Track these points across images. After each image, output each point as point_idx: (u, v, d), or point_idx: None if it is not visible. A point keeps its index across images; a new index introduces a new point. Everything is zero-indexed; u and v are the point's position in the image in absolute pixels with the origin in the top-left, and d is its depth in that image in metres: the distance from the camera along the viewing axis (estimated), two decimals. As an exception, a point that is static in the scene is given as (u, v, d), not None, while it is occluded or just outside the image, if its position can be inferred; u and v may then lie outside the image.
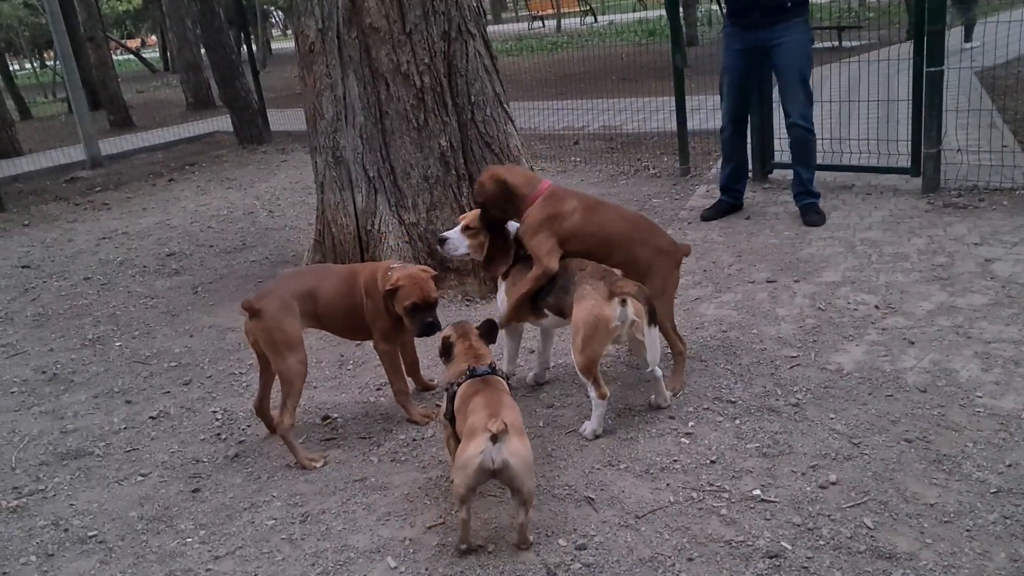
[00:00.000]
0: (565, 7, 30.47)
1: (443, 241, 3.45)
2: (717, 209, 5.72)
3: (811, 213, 5.32)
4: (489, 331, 2.96)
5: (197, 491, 3.10)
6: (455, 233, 3.44)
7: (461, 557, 2.52)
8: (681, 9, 7.80)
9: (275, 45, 42.76)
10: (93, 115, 13.36)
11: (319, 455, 3.21)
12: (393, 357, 3.39)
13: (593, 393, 3.06)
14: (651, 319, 3.02)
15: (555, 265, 3.21)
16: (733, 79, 5.52)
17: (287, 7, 29.07)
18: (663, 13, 8.17)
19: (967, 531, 2.41)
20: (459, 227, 3.45)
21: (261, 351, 3.22)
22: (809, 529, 2.49)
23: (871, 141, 6.21)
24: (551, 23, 29.98)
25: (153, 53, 44.50)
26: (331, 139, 4.76)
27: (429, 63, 4.61)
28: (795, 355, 3.59)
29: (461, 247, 3.42)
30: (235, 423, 3.62)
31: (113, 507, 3.05)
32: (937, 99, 5.37)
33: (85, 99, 11.92)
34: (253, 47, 13.62)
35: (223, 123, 12.98)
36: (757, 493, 2.68)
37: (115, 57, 24.53)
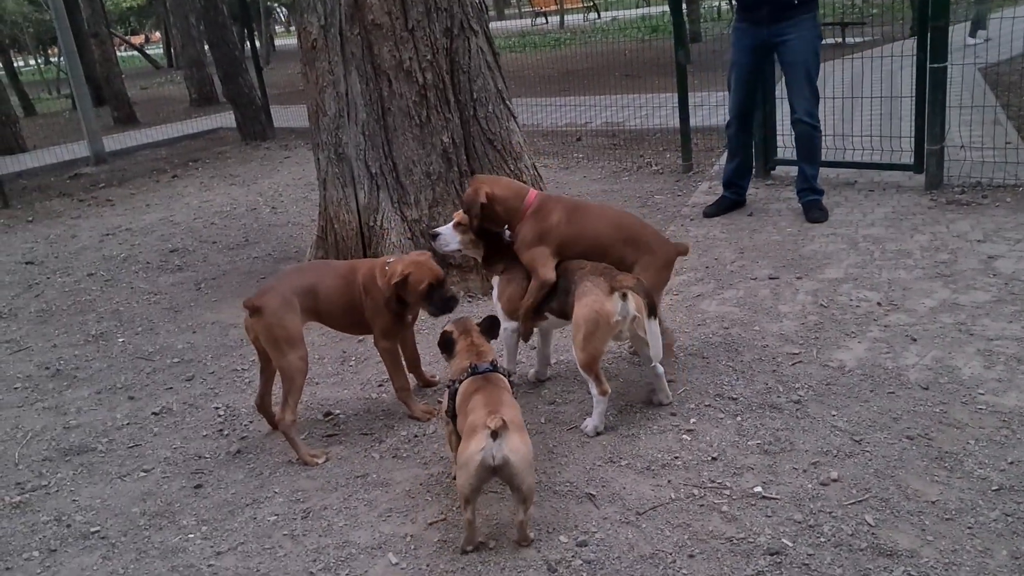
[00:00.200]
0: (568, 3, 30.42)
1: (435, 236, 3.47)
2: (720, 206, 5.71)
3: (814, 210, 5.31)
4: (490, 328, 2.96)
5: (199, 487, 3.11)
6: (447, 229, 3.45)
7: (464, 555, 2.53)
8: (684, 5, 7.79)
9: (279, 42, 42.73)
10: (97, 111, 13.41)
11: (321, 451, 3.22)
12: (394, 354, 3.40)
13: (594, 389, 3.06)
14: (651, 312, 3.02)
15: (552, 275, 3.25)
16: (741, 74, 5.51)
17: (290, 3, 29.06)
18: (666, 9, 8.15)
19: (968, 528, 2.41)
20: (452, 223, 3.46)
21: (262, 347, 3.22)
22: (810, 526, 2.49)
23: (874, 138, 6.19)
24: (554, 19, 29.95)
25: (157, 49, 44.55)
26: (333, 135, 4.76)
27: (431, 60, 4.60)
28: (797, 352, 3.59)
29: (452, 243, 3.44)
30: (237, 419, 3.62)
31: (115, 503, 3.06)
32: (940, 95, 5.36)
33: (89, 95, 11.94)
34: (256, 43, 13.62)
35: (227, 119, 13.00)
36: (758, 490, 2.68)
37: (119, 53, 24.57)
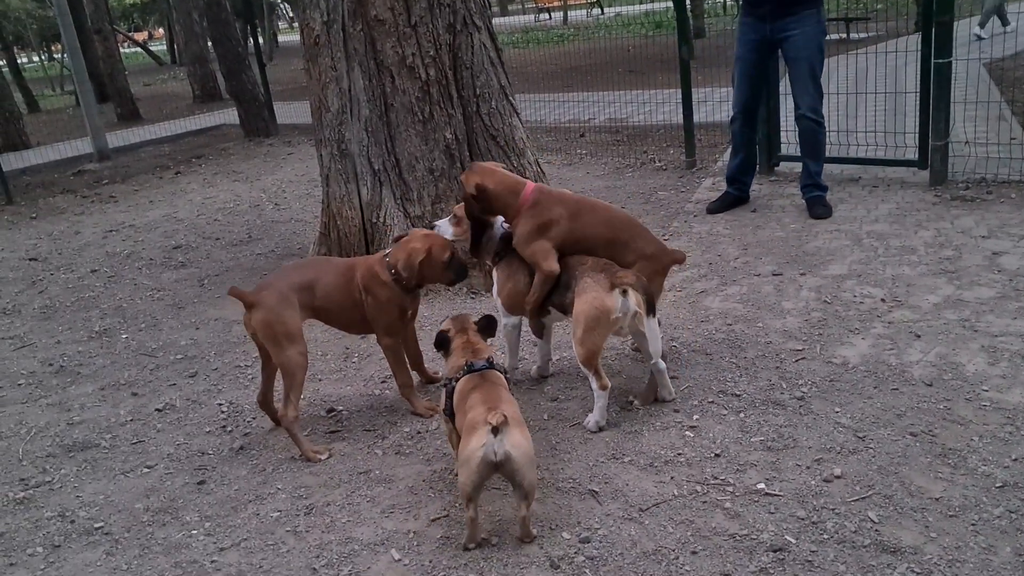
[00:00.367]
0: (572, -1, 30.42)
1: (432, 228, 3.55)
2: (723, 202, 5.70)
3: (818, 206, 5.30)
4: (488, 326, 2.95)
5: (203, 483, 3.11)
6: (443, 223, 3.55)
7: (466, 551, 2.53)
8: (688, 1, 7.77)
9: (282, 38, 42.77)
10: (100, 108, 13.43)
11: (324, 447, 3.22)
12: (396, 351, 3.40)
13: (595, 384, 3.06)
14: (650, 310, 3.02)
15: (556, 267, 3.24)
16: (745, 70, 5.49)
17: (293, -1, 29.03)
18: (670, 5, 8.14)
19: (972, 525, 2.40)
20: (449, 217, 3.56)
21: (262, 344, 3.23)
22: (813, 523, 2.49)
23: (878, 133, 6.18)
24: (557, 15, 29.92)
25: (160, 46, 44.59)
26: (336, 132, 4.76)
27: (434, 56, 4.60)
28: (800, 348, 3.58)
29: (447, 235, 3.51)
30: (240, 415, 3.63)
31: (119, 499, 3.07)
32: (945, 91, 5.34)
33: (92, 92, 11.96)
34: (259, 40, 13.61)
35: (230, 116, 13.00)
36: (761, 487, 2.68)
37: (122, 50, 24.60)
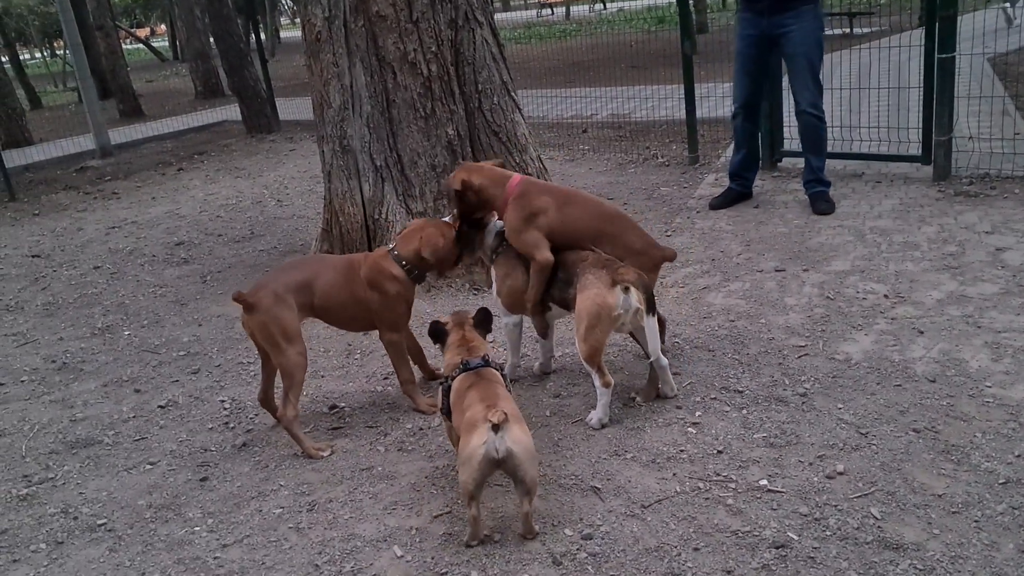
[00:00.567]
0: (574, -6, 30.36)
1: None
2: (726, 197, 5.69)
3: (821, 201, 5.29)
4: (484, 319, 2.94)
5: (205, 480, 3.11)
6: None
7: (468, 548, 2.53)
8: (690, -4, 7.74)
9: (284, 34, 42.76)
10: (103, 104, 13.43)
11: (326, 444, 3.22)
12: (400, 347, 3.40)
13: (597, 381, 3.06)
14: (650, 308, 3.02)
15: (549, 256, 3.24)
16: (745, 65, 5.47)
17: (295, -5, 28.99)
18: (673, 0, 8.13)
19: (975, 522, 2.40)
20: (449, 216, 3.57)
21: (261, 344, 3.22)
22: (816, 519, 2.49)
23: (882, 129, 6.16)
24: (560, 10, 29.86)
25: (162, 42, 44.59)
26: (338, 128, 4.75)
27: (436, 51, 4.59)
28: (803, 344, 3.58)
29: None
30: (243, 412, 3.63)
31: (122, 495, 3.07)
32: (948, 86, 5.32)
33: (95, 88, 11.97)
34: (262, 36, 13.61)
35: (232, 112, 13.00)
36: (764, 483, 2.67)
37: (124, 46, 24.60)
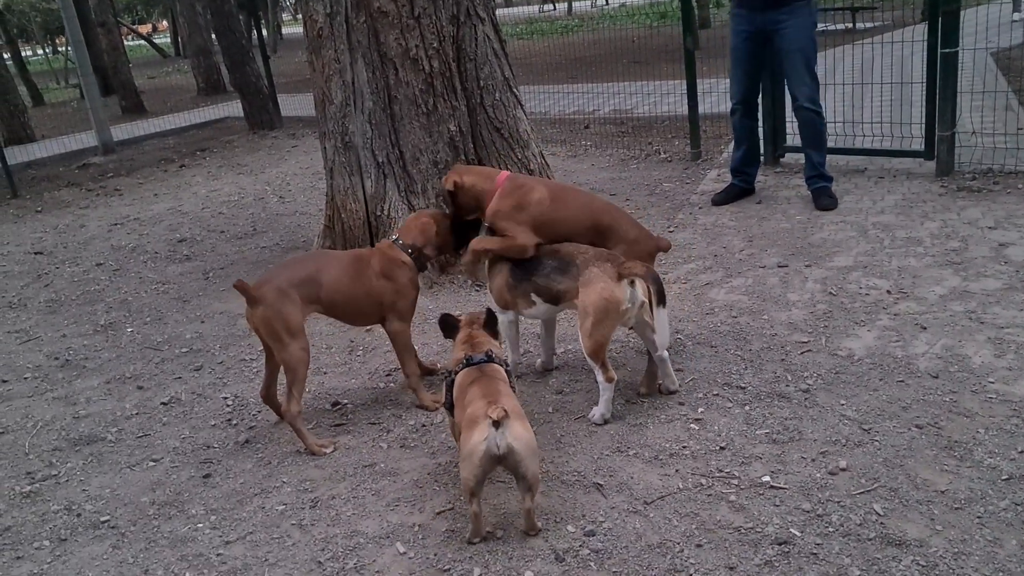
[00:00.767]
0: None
1: None
2: (728, 193, 5.68)
3: (823, 197, 5.28)
4: (491, 322, 2.94)
5: (208, 476, 3.12)
6: None
7: (471, 545, 2.53)
8: (693, -9, 7.71)
9: (286, 30, 42.73)
10: (105, 101, 13.42)
11: (329, 441, 3.22)
12: (406, 338, 3.40)
13: (600, 377, 3.05)
14: (660, 299, 3.00)
15: (528, 241, 3.23)
16: (740, 62, 5.48)
17: (297, -9, 28.99)
18: (674, -5, 8.09)
19: (978, 518, 2.40)
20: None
21: (264, 339, 3.23)
22: (818, 515, 2.48)
23: (884, 124, 6.15)
24: (562, 6, 29.81)
25: (164, 39, 44.59)
26: (340, 124, 4.75)
27: (438, 47, 4.58)
28: (806, 340, 3.57)
29: None
30: (246, 409, 3.63)
31: (125, 492, 3.08)
32: (951, 81, 5.31)
33: (97, 85, 11.96)
34: (263, 32, 13.60)
35: (234, 108, 12.99)
36: (766, 479, 2.67)
37: (126, 43, 24.59)
